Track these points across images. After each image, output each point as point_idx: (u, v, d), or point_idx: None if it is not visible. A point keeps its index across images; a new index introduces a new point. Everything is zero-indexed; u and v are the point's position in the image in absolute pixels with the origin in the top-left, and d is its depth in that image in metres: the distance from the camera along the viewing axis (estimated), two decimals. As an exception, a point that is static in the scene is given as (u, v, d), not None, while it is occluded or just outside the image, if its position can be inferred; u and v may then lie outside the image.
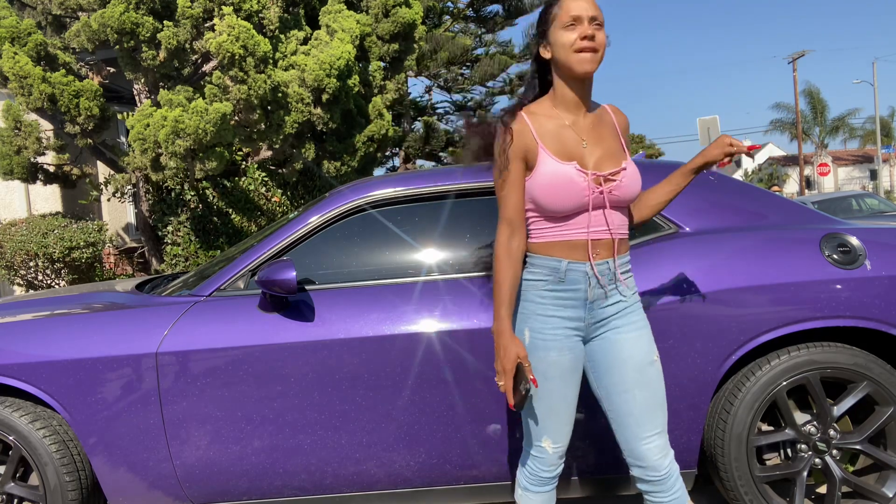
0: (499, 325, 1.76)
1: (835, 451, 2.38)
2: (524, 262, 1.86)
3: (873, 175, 42.08)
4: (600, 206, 1.80)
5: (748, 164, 50.07)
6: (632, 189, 1.82)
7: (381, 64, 9.15)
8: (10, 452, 2.48)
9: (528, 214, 1.84)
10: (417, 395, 2.36)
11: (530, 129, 1.81)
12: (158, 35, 6.37)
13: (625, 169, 1.81)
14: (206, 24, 6.56)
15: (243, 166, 8.42)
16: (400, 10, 8.85)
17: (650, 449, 1.82)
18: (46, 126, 7.64)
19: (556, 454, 1.89)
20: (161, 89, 6.72)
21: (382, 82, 9.00)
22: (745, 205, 2.53)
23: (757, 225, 2.48)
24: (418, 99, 18.01)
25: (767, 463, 2.51)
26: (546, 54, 1.84)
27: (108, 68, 7.63)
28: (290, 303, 2.41)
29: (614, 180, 1.80)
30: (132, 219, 10.90)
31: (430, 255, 2.52)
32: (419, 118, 16.98)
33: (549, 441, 1.87)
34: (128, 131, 6.54)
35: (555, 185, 1.76)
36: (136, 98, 7.52)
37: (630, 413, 1.82)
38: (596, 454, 2.41)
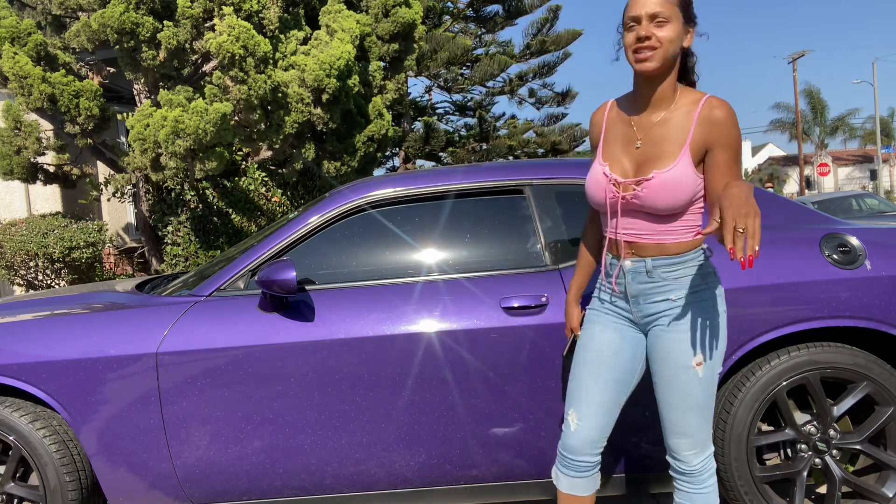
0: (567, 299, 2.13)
1: (835, 452, 2.38)
2: None
3: (873, 175, 42.10)
4: (619, 209, 1.84)
5: (748, 163, 50.11)
6: (657, 199, 1.77)
7: (381, 64, 9.15)
8: (10, 452, 2.48)
9: None
10: (417, 396, 2.36)
11: (602, 121, 1.94)
12: (158, 35, 6.37)
13: (650, 178, 1.76)
14: (206, 24, 6.56)
15: (243, 166, 8.42)
16: (400, 10, 8.85)
17: (680, 444, 1.86)
18: (46, 126, 7.64)
19: (580, 436, 1.92)
20: (161, 89, 6.72)
21: (382, 82, 9.00)
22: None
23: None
24: (418, 99, 18.01)
25: (767, 463, 2.51)
26: None
27: (108, 68, 7.63)
28: (290, 303, 2.41)
29: (636, 188, 1.79)
30: (132, 219, 10.90)
31: (430, 256, 2.52)
32: (419, 118, 16.98)
33: (574, 415, 1.94)
34: (128, 131, 6.53)
35: (590, 181, 1.91)
36: (136, 98, 7.52)
37: (664, 407, 1.87)
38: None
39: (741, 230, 1.44)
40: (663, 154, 1.77)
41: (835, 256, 2.35)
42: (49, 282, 7.71)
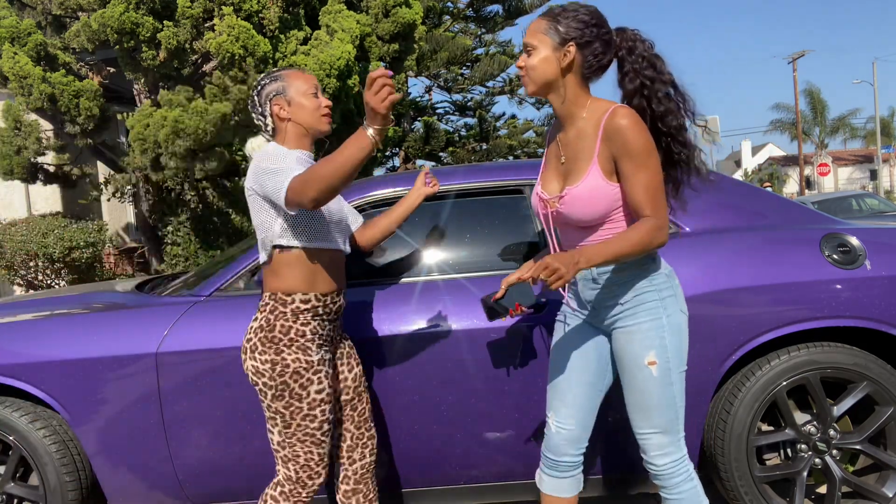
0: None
1: (835, 451, 2.38)
2: None
3: (873, 175, 42.09)
4: (551, 224, 1.95)
5: (748, 163, 50.10)
6: (574, 213, 1.84)
7: (382, 64, 9.15)
8: (10, 452, 2.48)
9: None
10: (417, 395, 2.36)
11: (545, 142, 2.03)
12: (158, 35, 6.37)
13: (563, 196, 1.85)
14: (206, 24, 6.57)
15: (243, 166, 8.42)
16: (400, 11, 8.85)
17: (646, 444, 1.89)
18: (46, 126, 7.64)
19: (560, 436, 1.97)
20: (161, 89, 6.72)
21: (382, 82, 8.96)
22: (744, 205, 2.53)
23: (757, 225, 2.48)
24: (418, 99, 18.01)
25: (767, 463, 2.51)
26: None
27: (108, 68, 7.63)
28: (290, 303, 2.40)
29: (557, 204, 1.88)
30: (132, 219, 10.90)
31: (431, 256, 2.52)
32: (419, 118, 16.98)
33: (553, 416, 1.99)
34: (128, 131, 6.54)
35: (532, 201, 1.99)
36: (136, 98, 7.52)
37: (628, 406, 1.91)
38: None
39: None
40: (576, 169, 1.85)
41: (835, 256, 2.35)
42: (49, 282, 7.71)
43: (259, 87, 2.02)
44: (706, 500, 1.91)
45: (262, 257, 1.97)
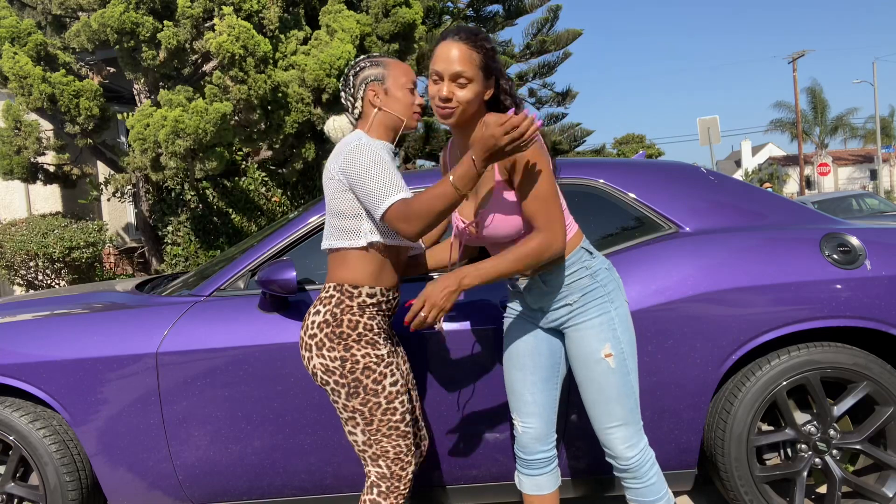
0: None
1: (835, 451, 2.38)
2: None
3: (873, 175, 42.10)
4: (461, 245, 2.08)
5: (748, 163, 50.10)
6: (497, 233, 1.90)
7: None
8: (11, 452, 2.48)
9: None
10: (417, 395, 2.35)
11: (443, 161, 2.07)
12: (158, 35, 6.37)
13: (476, 222, 1.93)
14: (207, 24, 6.57)
15: (243, 166, 8.42)
16: (400, 10, 8.85)
17: (613, 439, 1.92)
18: (46, 126, 7.64)
19: (528, 435, 2.02)
20: (161, 89, 6.72)
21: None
22: (745, 204, 2.53)
23: (757, 225, 2.48)
24: (418, 99, 17.98)
25: (767, 463, 2.51)
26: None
27: (108, 68, 7.63)
28: (291, 303, 2.41)
29: (475, 229, 1.95)
30: (132, 219, 10.91)
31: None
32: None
33: (517, 417, 2.04)
34: (128, 131, 6.54)
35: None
36: (136, 98, 7.52)
37: (588, 405, 1.94)
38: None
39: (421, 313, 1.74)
40: (482, 193, 1.89)
41: (835, 256, 2.35)
42: (49, 282, 7.71)
43: (357, 69, 1.97)
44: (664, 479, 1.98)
45: (335, 244, 1.91)
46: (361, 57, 2.02)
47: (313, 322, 1.89)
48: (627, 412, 1.90)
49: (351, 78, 1.97)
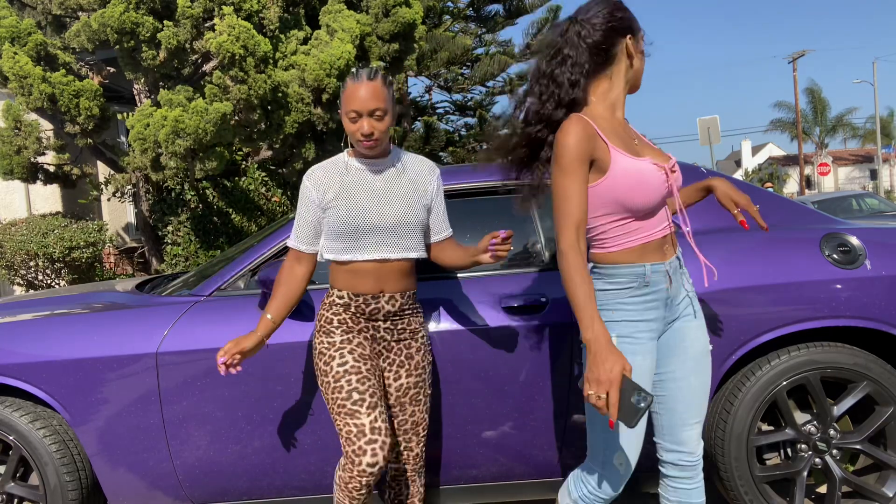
0: (594, 331, 1.60)
1: (835, 451, 2.38)
2: (592, 273, 1.82)
3: (873, 175, 42.09)
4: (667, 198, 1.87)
5: (748, 163, 50.09)
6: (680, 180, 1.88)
7: (382, 64, 9.15)
8: (11, 452, 2.48)
9: (602, 223, 1.77)
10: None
11: (595, 131, 1.73)
12: (158, 35, 6.36)
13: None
14: (207, 24, 6.57)
15: (243, 166, 8.42)
16: (400, 10, 8.84)
17: (692, 435, 1.87)
18: (46, 126, 7.63)
19: (628, 472, 1.83)
20: (161, 89, 6.72)
21: (382, 82, 8.97)
22: (745, 205, 2.53)
23: (757, 225, 2.48)
24: (418, 99, 18.00)
25: (767, 463, 2.51)
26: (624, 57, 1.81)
27: (108, 68, 7.63)
28: (290, 303, 2.40)
29: (675, 171, 1.84)
30: (132, 219, 10.90)
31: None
32: (419, 118, 16.96)
33: (623, 458, 1.80)
34: (128, 131, 6.53)
35: (639, 181, 1.73)
36: (136, 98, 7.51)
37: (682, 399, 1.85)
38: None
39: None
40: (647, 148, 1.89)
41: (835, 256, 2.35)
42: (49, 282, 7.71)
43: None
44: None
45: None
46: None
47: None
48: (706, 407, 1.90)
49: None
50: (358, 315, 2.05)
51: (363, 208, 2.00)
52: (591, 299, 1.63)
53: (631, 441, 1.79)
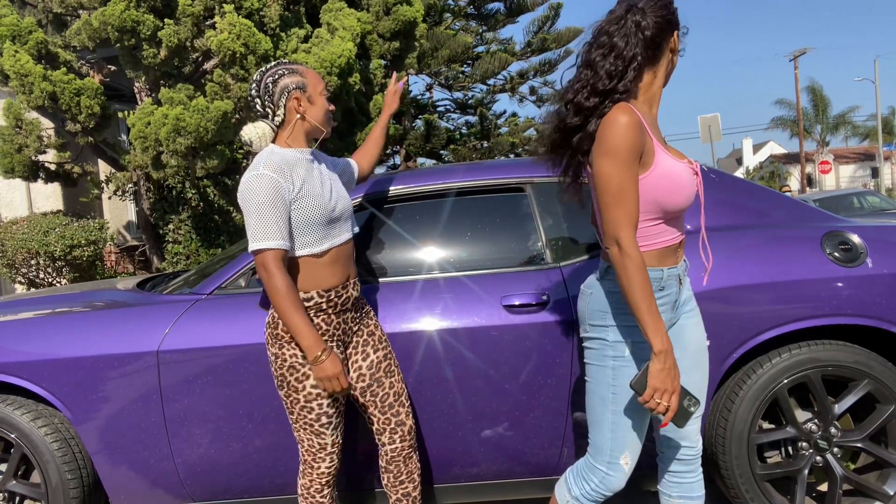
0: (664, 342, 1.60)
1: (836, 449, 2.37)
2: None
3: (875, 173, 42.05)
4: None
5: (749, 161, 50.03)
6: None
7: (382, 62, 9.15)
8: (12, 450, 2.49)
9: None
10: (418, 394, 2.36)
11: (643, 123, 1.66)
12: (159, 33, 6.36)
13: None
14: (207, 22, 6.57)
15: (244, 164, 8.42)
16: (401, 8, 8.84)
17: (693, 429, 1.89)
18: (47, 124, 7.64)
19: (631, 470, 1.83)
20: (162, 87, 6.72)
21: (383, 80, 8.99)
22: (746, 203, 2.53)
23: (758, 223, 2.48)
24: (419, 97, 17.99)
25: (768, 461, 2.51)
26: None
27: (109, 66, 7.63)
28: (292, 301, 2.40)
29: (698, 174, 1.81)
30: (133, 217, 10.91)
31: (431, 254, 2.52)
32: (420, 116, 16.96)
33: (629, 456, 1.81)
34: (129, 129, 6.54)
35: (677, 183, 1.69)
36: (137, 96, 7.52)
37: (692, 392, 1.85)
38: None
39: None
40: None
41: (836, 254, 2.35)
42: (50, 280, 7.72)
43: (276, 77, 2.00)
44: None
45: None
46: (273, 64, 2.05)
47: (266, 321, 2.05)
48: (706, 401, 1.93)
49: (269, 85, 2.00)
50: (329, 313, 2.01)
51: (332, 191, 2.04)
52: (656, 306, 1.61)
53: (636, 440, 1.80)
